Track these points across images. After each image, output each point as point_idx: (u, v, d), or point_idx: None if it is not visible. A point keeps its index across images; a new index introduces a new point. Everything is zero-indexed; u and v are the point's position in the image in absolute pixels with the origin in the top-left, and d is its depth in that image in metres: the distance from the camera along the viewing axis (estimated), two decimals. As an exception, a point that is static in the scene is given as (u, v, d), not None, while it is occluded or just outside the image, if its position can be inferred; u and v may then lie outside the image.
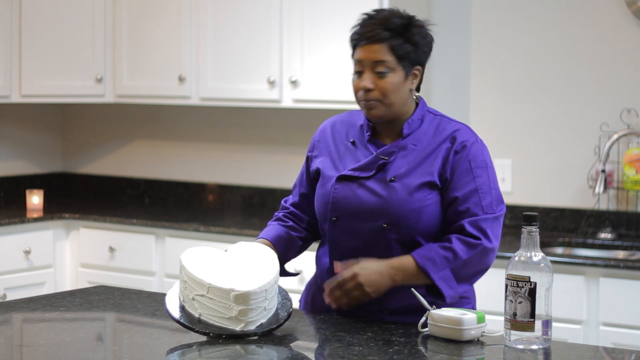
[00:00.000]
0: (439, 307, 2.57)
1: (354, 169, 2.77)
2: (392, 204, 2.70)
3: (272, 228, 2.91)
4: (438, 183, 2.71)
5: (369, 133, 2.80)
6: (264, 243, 2.84)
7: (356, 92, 2.75)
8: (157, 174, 5.64)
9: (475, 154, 2.73)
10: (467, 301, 2.80)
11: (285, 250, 2.88)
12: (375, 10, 2.77)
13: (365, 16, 2.76)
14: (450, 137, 2.74)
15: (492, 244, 2.70)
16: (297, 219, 2.94)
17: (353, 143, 2.83)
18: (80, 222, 5.03)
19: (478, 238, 2.68)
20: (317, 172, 2.86)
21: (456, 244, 2.67)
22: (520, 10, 4.70)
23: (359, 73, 2.74)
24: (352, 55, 2.77)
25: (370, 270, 2.67)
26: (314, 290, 2.91)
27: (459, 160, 2.71)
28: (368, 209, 2.72)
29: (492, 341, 2.50)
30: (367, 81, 2.71)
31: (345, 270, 2.67)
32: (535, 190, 4.69)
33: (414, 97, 2.79)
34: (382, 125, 2.80)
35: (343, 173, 2.78)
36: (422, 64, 2.78)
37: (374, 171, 2.75)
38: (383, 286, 2.67)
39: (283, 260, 2.86)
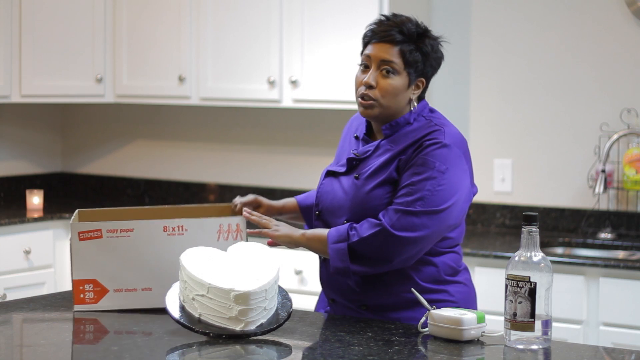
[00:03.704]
0: (436, 306, 2.58)
1: (338, 165, 2.83)
2: (352, 200, 2.74)
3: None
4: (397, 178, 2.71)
5: (364, 131, 2.84)
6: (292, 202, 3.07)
7: (357, 86, 2.77)
8: (157, 174, 5.64)
9: (433, 154, 2.68)
10: (450, 301, 2.76)
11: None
12: (393, 14, 2.80)
13: (382, 17, 2.79)
14: (423, 138, 2.71)
15: (395, 230, 2.63)
16: None
17: (356, 138, 2.87)
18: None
19: (380, 220, 2.66)
20: None
21: (361, 224, 2.69)
22: (521, 10, 4.70)
23: (364, 67, 2.76)
24: (362, 52, 2.79)
25: (285, 230, 2.81)
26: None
27: (414, 155, 2.69)
28: (337, 205, 2.77)
29: (492, 341, 2.50)
30: (371, 78, 2.74)
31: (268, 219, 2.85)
32: (535, 190, 4.69)
33: (413, 106, 2.78)
34: (376, 123, 2.82)
35: (328, 168, 2.85)
36: (428, 77, 2.80)
37: (345, 168, 2.79)
38: (289, 237, 2.79)
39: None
